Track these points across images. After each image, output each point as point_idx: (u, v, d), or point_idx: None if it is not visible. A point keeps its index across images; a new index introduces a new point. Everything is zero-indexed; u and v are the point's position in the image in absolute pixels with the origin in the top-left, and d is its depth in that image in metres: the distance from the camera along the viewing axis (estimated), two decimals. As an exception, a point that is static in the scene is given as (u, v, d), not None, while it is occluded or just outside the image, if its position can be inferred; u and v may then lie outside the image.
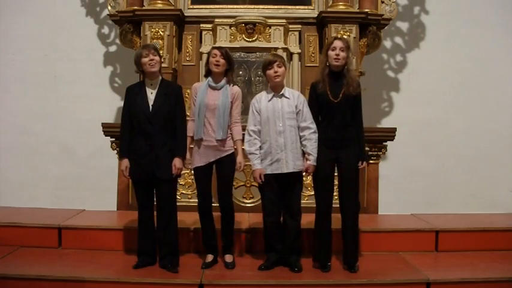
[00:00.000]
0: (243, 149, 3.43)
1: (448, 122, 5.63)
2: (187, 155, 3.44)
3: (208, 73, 3.46)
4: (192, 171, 4.31)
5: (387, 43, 5.67)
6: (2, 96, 5.56)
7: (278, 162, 3.34)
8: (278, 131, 3.34)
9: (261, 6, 4.90)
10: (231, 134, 3.44)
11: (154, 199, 3.47)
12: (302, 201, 3.57)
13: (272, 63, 3.35)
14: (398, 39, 5.73)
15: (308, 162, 3.36)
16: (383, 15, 4.82)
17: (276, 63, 3.35)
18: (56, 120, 5.54)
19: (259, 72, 4.69)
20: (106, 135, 4.55)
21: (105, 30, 5.62)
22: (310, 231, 3.65)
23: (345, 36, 4.52)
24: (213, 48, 3.47)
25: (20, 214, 4.28)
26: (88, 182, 5.44)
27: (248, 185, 4.55)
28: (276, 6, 4.88)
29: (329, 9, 4.71)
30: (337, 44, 3.32)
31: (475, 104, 5.63)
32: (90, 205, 4.65)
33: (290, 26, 4.78)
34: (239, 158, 3.42)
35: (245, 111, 3.68)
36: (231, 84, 3.48)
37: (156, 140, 3.32)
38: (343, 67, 3.35)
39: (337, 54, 3.30)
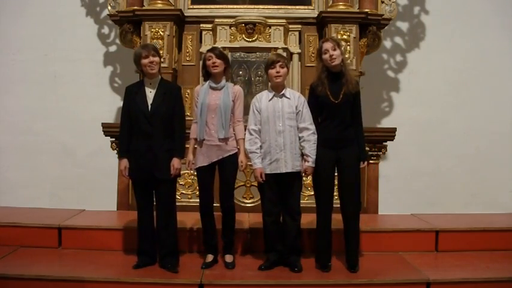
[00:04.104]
0: (245, 148, 3.43)
1: (448, 122, 5.63)
2: (191, 157, 3.43)
3: (207, 75, 3.48)
4: (193, 171, 4.31)
5: (387, 43, 5.66)
6: (3, 96, 5.55)
7: (277, 162, 3.34)
8: (278, 130, 3.34)
9: (261, 6, 4.89)
10: (234, 133, 3.45)
11: (154, 199, 3.47)
12: (302, 201, 3.59)
13: (275, 63, 3.35)
14: (398, 39, 5.73)
15: (306, 164, 3.35)
16: (383, 15, 4.82)
17: (278, 63, 3.35)
18: (56, 120, 5.53)
19: (259, 72, 4.70)
20: (106, 135, 4.55)
21: (105, 30, 5.62)
22: (311, 231, 3.66)
23: (344, 36, 4.57)
24: (206, 51, 3.50)
25: (20, 214, 4.27)
26: (88, 182, 5.44)
27: (248, 185, 4.55)
28: (276, 6, 4.88)
29: (329, 9, 4.71)
30: (327, 45, 3.33)
31: (475, 104, 5.63)
32: (90, 205, 4.64)
33: (290, 26, 4.78)
34: (241, 157, 3.42)
35: (245, 111, 3.67)
36: (233, 84, 3.51)
37: (155, 139, 3.32)
38: (341, 65, 3.35)
39: (331, 55, 3.30)
